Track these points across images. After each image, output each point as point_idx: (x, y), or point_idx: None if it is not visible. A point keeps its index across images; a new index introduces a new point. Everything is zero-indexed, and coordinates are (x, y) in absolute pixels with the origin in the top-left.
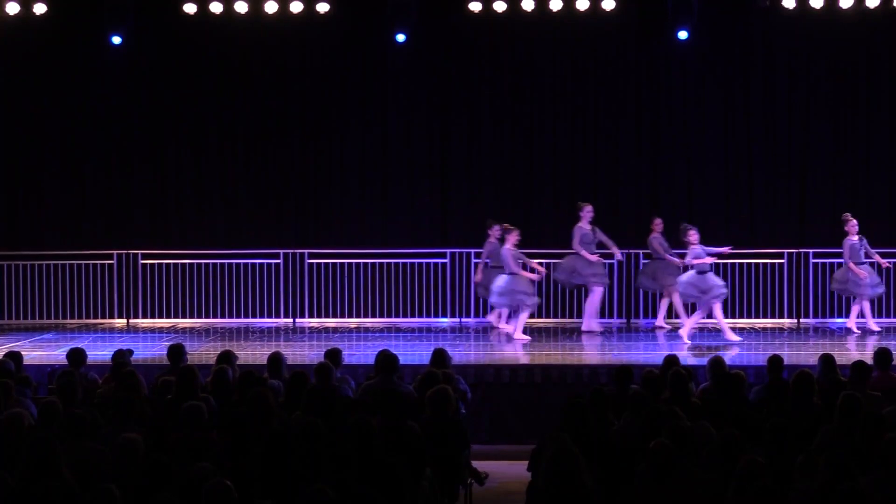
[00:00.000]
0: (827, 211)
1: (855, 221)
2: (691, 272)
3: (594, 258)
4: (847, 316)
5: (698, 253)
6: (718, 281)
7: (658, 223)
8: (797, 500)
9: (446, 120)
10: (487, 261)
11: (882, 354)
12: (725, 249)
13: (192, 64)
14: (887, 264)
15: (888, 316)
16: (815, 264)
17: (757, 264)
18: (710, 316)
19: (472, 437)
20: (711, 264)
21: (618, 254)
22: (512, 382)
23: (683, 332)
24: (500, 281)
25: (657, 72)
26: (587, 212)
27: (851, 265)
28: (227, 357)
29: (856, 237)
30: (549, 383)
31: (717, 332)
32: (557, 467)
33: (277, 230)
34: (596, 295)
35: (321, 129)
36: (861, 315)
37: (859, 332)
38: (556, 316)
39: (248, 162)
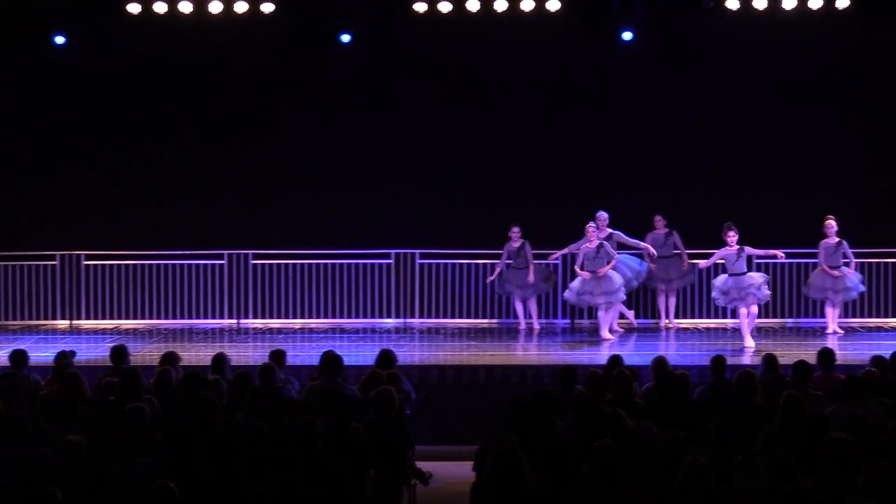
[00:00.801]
0: (770, 210)
1: (832, 223)
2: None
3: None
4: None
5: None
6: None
7: (657, 219)
8: (739, 499)
9: (391, 120)
10: (509, 262)
11: (825, 355)
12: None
13: (135, 64)
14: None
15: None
16: (758, 265)
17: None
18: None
19: (417, 437)
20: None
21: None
22: (456, 383)
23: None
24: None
25: (602, 72)
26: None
27: (825, 267)
28: (170, 358)
29: (834, 240)
30: (493, 384)
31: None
32: (501, 468)
33: (221, 231)
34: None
35: (266, 130)
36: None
37: (843, 332)
38: (498, 317)
39: (192, 162)
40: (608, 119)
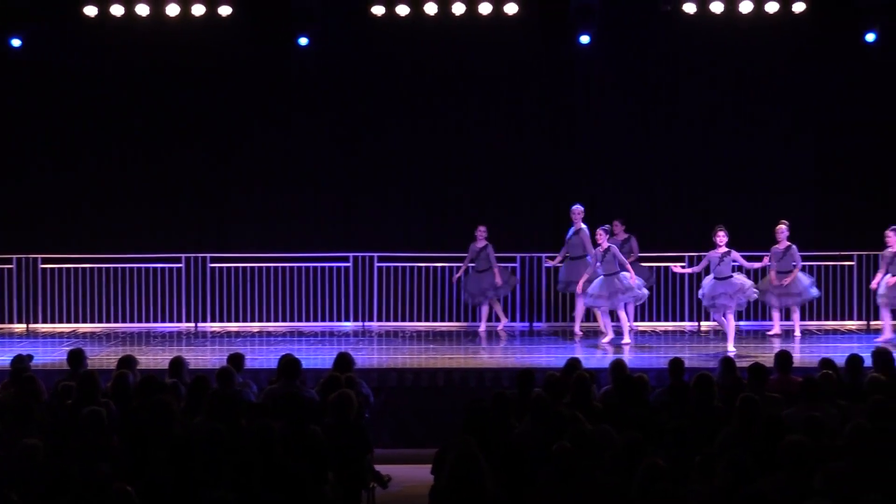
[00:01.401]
0: (726, 212)
1: (783, 228)
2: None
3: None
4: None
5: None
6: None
7: (616, 224)
8: (696, 501)
9: (350, 123)
10: (471, 265)
11: (782, 357)
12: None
13: (92, 66)
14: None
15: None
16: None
17: (662, 267)
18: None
19: (375, 440)
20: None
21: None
22: (415, 386)
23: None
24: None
25: (561, 75)
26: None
27: (771, 273)
28: (127, 362)
29: (783, 245)
30: (452, 387)
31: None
32: (460, 471)
33: (179, 234)
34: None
35: (224, 133)
36: (787, 319)
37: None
38: (458, 320)
39: (150, 165)
40: (568, 122)
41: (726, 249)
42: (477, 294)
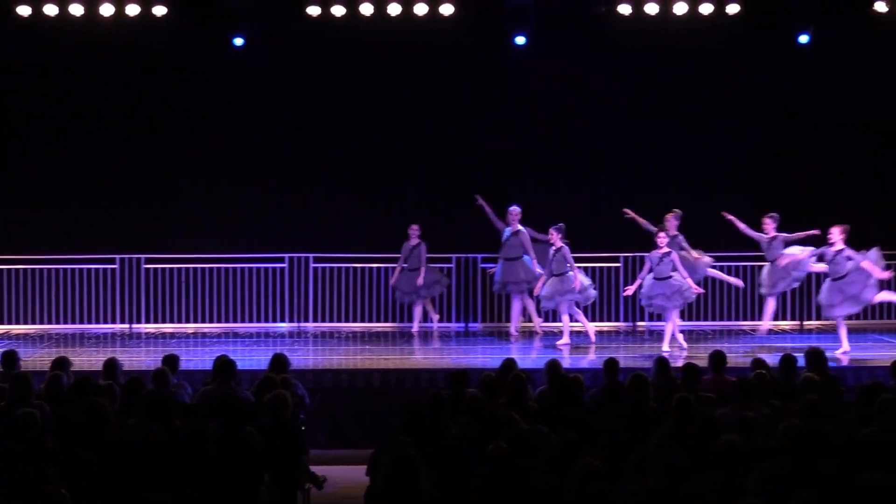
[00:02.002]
0: (661, 214)
1: (768, 220)
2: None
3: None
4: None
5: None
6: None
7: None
8: (631, 501)
9: (286, 123)
10: (405, 265)
11: (715, 357)
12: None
13: (24, 66)
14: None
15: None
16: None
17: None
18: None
19: (311, 441)
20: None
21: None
22: (350, 387)
23: (677, 336)
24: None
25: (497, 76)
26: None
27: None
28: (61, 363)
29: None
30: (388, 388)
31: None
32: (396, 472)
33: (113, 235)
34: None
35: (158, 134)
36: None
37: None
38: (393, 320)
39: (85, 166)
40: (503, 122)
41: (667, 250)
42: (409, 292)
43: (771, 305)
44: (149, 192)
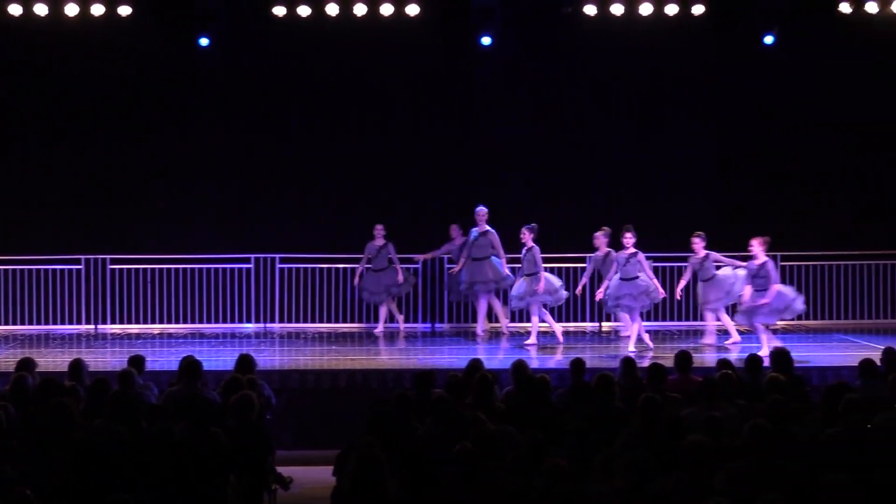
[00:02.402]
0: (630, 212)
1: (697, 240)
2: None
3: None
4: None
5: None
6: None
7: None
8: (597, 501)
9: (251, 124)
10: (368, 265)
11: (681, 357)
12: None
13: None
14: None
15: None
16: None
17: (568, 268)
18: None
19: (277, 442)
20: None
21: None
22: (317, 388)
23: (643, 337)
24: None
25: (463, 76)
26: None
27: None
28: (26, 364)
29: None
30: (354, 388)
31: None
32: (362, 472)
33: (79, 236)
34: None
35: (124, 134)
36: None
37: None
38: (360, 321)
39: (50, 166)
40: (469, 123)
41: (633, 251)
42: (377, 292)
43: (711, 319)
44: (114, 192)
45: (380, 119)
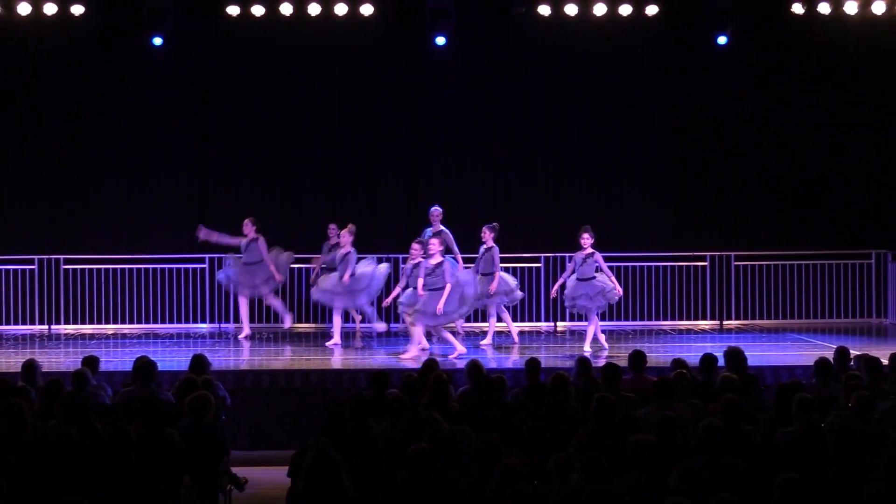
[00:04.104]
0: (583, 213)
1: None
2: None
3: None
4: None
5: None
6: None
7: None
8: (552, 501)
9: (205, 123)
10: (323, 265)
11: (636, 357)
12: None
13: None
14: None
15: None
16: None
17: (522, 268)
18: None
19: (232, 443)
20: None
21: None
22: (272, 388)
23: (599, 336)
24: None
25: (417, 77)
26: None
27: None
28: None
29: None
30: (309, 389)
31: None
32: (317, 472)
33: (32, 236)
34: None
35: (76, 133)
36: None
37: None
38: (314, 321)
39: (2, 165)
40: (423, 122)
41: (590, 251)
42: (329, 292)
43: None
44: (67, 191)
45: (334, 119)
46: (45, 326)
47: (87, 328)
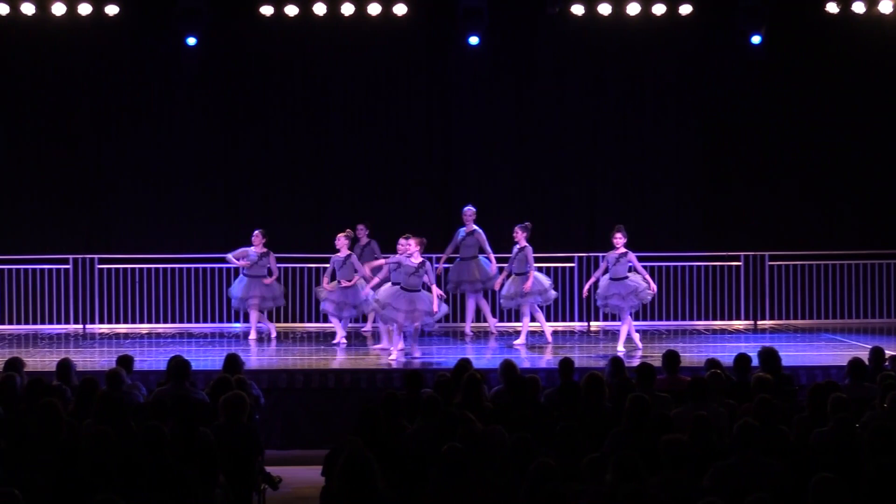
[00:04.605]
0: (615, 214)
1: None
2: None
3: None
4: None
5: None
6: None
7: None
8: (586, 501)
9: (237, 123)
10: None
11: (670, 357)
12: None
13: None
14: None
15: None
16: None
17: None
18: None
19: (266, 442)
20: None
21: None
22: (305, 387)
23: (633, 336)
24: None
25: (449, 76)
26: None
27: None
28: (14, 364)
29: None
30: (343, 388)
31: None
32: (351, 472)
33: (67, 235)
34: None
35: (110, 133)
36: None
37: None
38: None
39: (38, 165)
40: (456, 122)
41: (623, 251)
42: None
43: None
44: (102, 191)
45: (367, 118)
46: (80, 326)
47: (122, 327)
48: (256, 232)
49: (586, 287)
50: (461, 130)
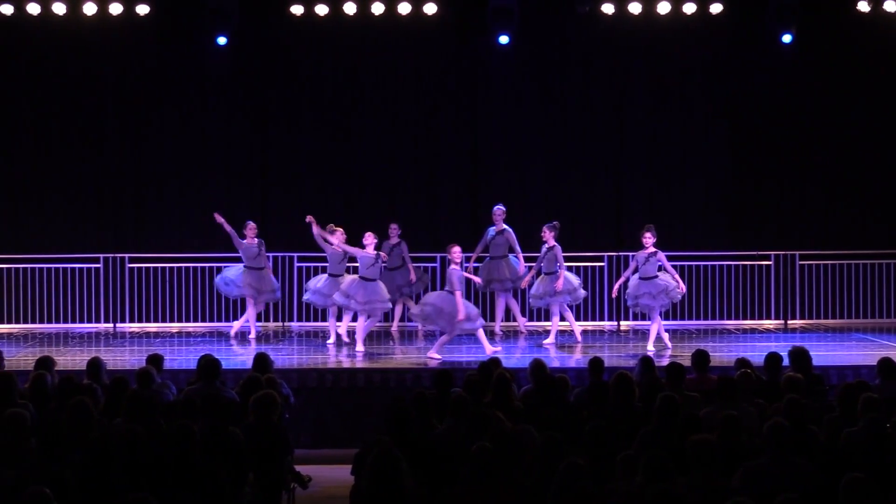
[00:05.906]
0: (644, 214)
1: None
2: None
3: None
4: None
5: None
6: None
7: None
8: (615, 501)
9: (266, 122)
10: (384, 264)
11: (699, 356)
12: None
13: (7, 65)
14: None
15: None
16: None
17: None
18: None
19: (295, 441)
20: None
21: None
22: (335, 387)
23: (662, 336)
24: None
25: (478, 75)
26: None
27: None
28: (45, 363)
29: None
30: (372, 387)
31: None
32: (380, 471)
33: (97, 234)
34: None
35: (140, 132)
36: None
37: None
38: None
39: (69, 165)
40: (486, 121)
41: (653, 250)
42: (390, 291)
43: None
44: (132, 190)
45: (396, 118)
46: (111, 325)
47: (152, 326)
48: (251, 224)
49: (616, 287)
50: (490, 129)
